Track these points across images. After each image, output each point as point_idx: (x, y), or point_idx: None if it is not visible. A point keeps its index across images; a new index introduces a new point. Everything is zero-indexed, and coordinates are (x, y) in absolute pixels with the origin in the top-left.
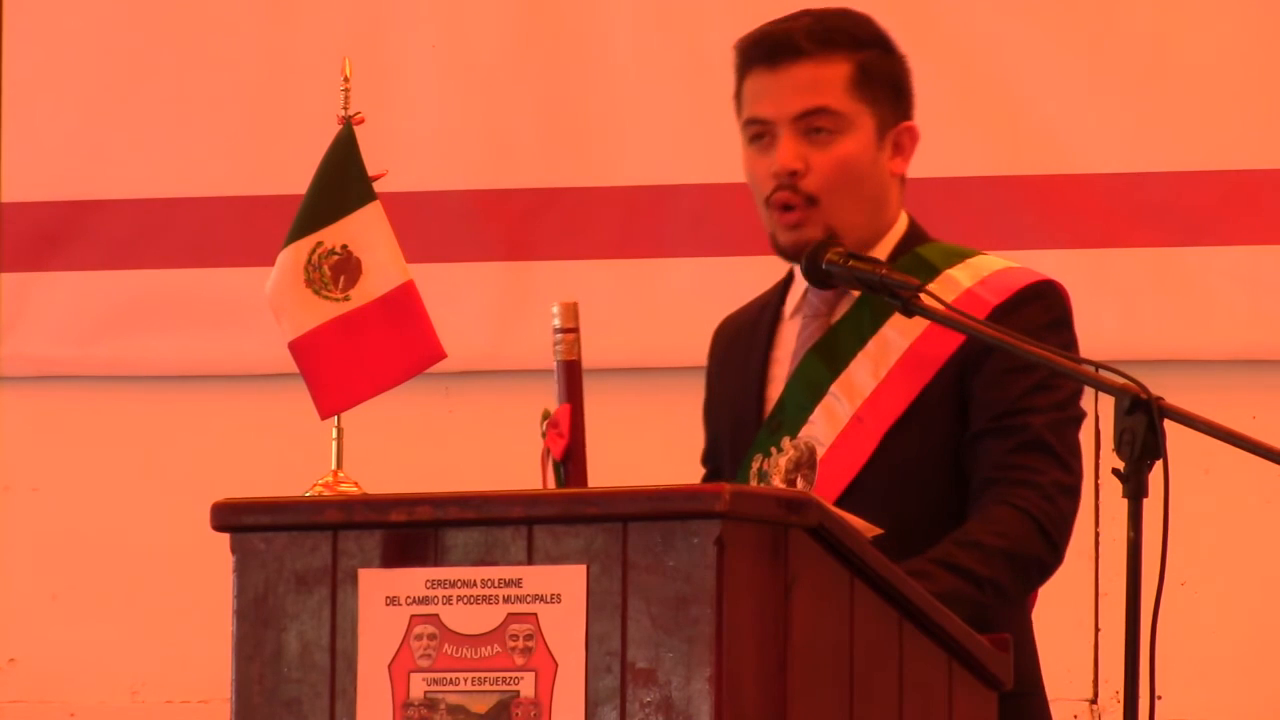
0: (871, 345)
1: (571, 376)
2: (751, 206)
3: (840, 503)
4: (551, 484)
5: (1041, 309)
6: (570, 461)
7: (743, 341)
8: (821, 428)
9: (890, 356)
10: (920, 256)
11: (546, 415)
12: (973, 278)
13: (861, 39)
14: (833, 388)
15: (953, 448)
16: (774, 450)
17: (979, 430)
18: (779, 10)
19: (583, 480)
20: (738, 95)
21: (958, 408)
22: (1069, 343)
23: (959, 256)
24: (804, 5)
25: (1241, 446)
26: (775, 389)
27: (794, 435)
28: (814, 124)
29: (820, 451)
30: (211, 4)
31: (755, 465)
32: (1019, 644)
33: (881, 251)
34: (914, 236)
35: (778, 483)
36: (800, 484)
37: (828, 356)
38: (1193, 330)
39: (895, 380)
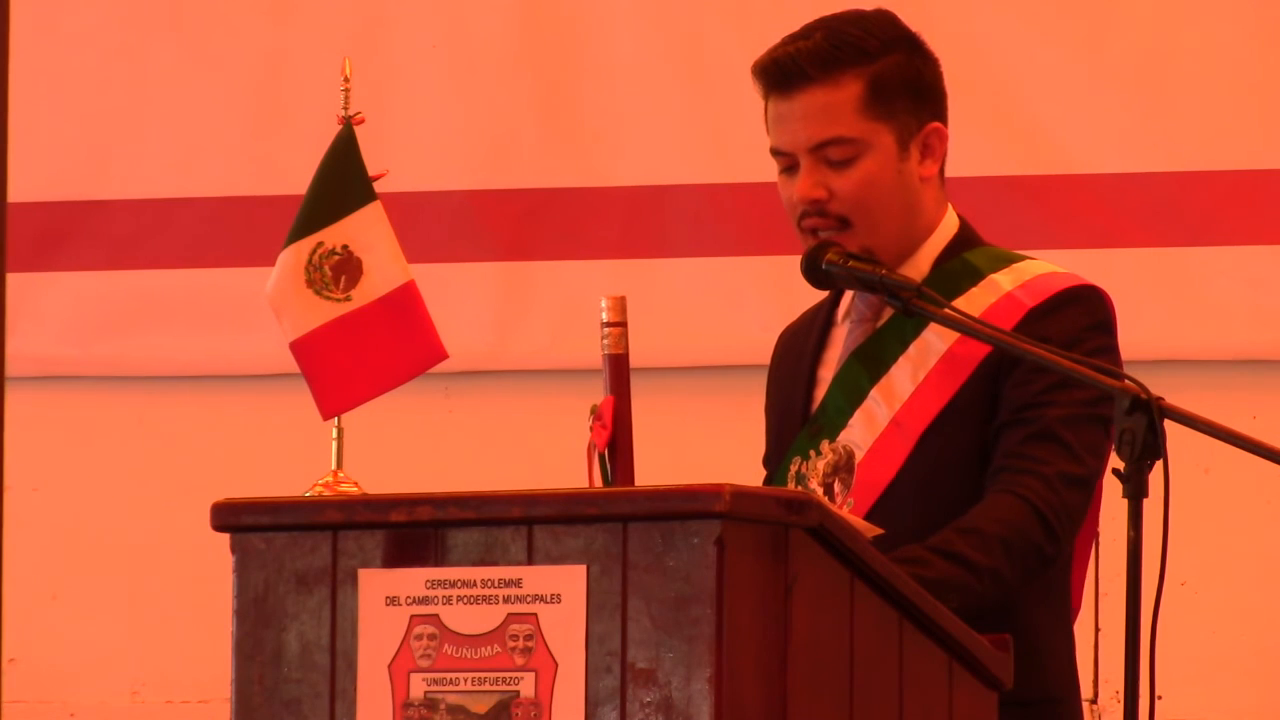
0: (912, 349)
1: (618, 370)
2: (751, 207)
3: (877, 506)
4: (597, 477)
5: (1079, 313)
6: (616, 454)
7: (796, 347)
8: (860, 432)
9: (929, 360)
10: (967, 261)
11: (594, 410)
12: (1014, 282)
13: (872, 49)
14: (873, 392)
15: (984, 448)
16: (812, 454)
17: (1000, 423)
18: (778, 10)
19: (629, 473)
20: (765, 118)
21: (989, 409)
22: (1108, 347)
23: (1005, 261)
24: (806, 5)
25: (1241, 446)
26: (821, 392)
27: (833, 439)
28: (828, 155)
29: (858, 455)
30: (212, 4)
31: (793, 468)
32: (1056, 650)
33: (927, 256)
34: (964, 240)
35: (815, 486)
36: (838, 488)
37: (869, 361)
38: (1193, 330)
39: (932, 383)
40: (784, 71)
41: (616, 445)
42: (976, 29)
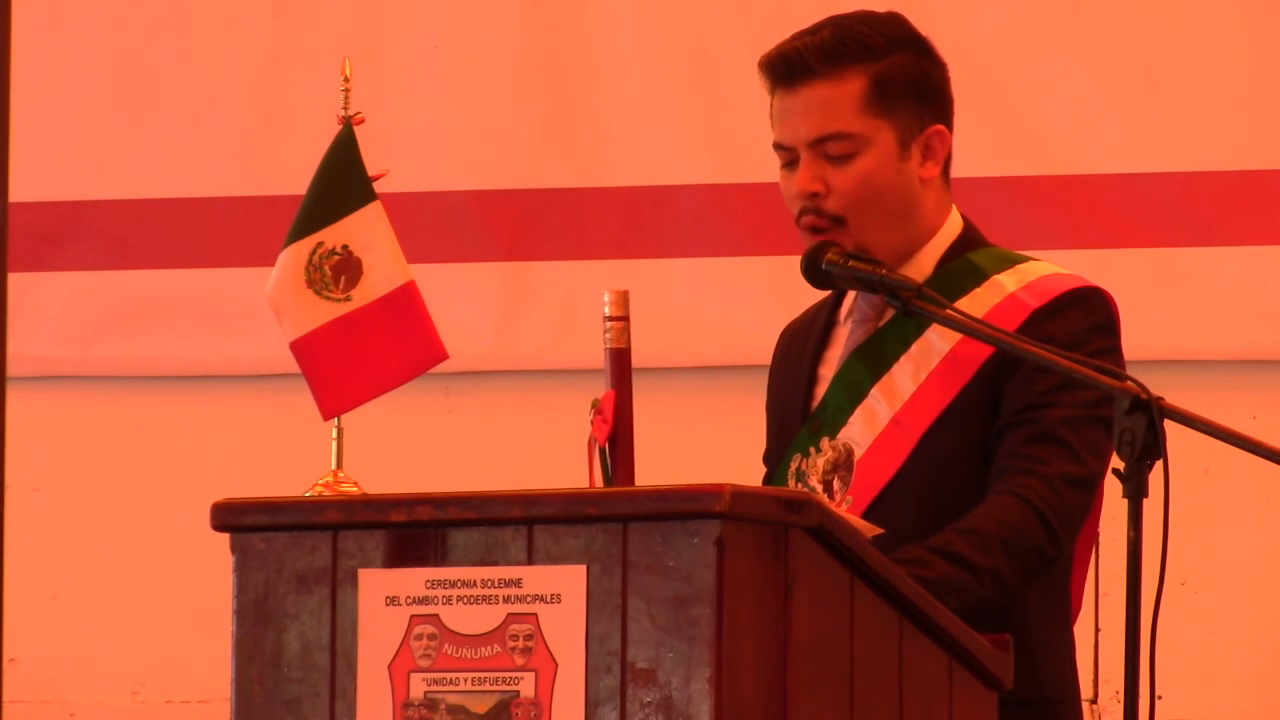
0: (914, 349)
1: (619, 364)
2: (750, 206)
3: (876, 504)
4: (598, 471)
5: (1082, 314)
6: (616, 449)
7: (798, 344)
8: (860, 430)
9: (931, 360)
10: (970, 261)
11: (595, 404)
12: (1018, 283)
13: (878, 47)
14: (874, 390)
15: (986, 448)
16: (812, 450)
17: (1002, 424)
18: (778, 11)
19: (629, 467)
20: (770, 113)
21: (991, 409)
22: (1111, 348)
23: (1009, 262)
24: (806, 6)
25: (1241, 446)
26: (822, 390)
27: (833, 436)
28: (828, 150)
29: (858, 453)
30: (212, 4)
31: (793, 465)
32: (1056, 651)
33: (929, 257)
34: (967, 241)
35: (814, 483)
36: (836, 485)
37: (870, 360)
38: (1193, 330)
39: (934, 383)
40: (789, 65)
41: (617, 439)
42: (978, 29)
